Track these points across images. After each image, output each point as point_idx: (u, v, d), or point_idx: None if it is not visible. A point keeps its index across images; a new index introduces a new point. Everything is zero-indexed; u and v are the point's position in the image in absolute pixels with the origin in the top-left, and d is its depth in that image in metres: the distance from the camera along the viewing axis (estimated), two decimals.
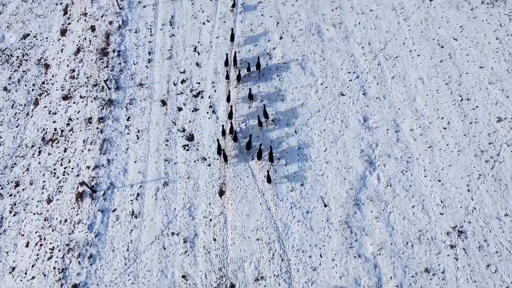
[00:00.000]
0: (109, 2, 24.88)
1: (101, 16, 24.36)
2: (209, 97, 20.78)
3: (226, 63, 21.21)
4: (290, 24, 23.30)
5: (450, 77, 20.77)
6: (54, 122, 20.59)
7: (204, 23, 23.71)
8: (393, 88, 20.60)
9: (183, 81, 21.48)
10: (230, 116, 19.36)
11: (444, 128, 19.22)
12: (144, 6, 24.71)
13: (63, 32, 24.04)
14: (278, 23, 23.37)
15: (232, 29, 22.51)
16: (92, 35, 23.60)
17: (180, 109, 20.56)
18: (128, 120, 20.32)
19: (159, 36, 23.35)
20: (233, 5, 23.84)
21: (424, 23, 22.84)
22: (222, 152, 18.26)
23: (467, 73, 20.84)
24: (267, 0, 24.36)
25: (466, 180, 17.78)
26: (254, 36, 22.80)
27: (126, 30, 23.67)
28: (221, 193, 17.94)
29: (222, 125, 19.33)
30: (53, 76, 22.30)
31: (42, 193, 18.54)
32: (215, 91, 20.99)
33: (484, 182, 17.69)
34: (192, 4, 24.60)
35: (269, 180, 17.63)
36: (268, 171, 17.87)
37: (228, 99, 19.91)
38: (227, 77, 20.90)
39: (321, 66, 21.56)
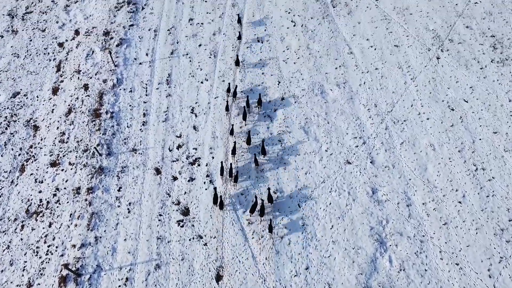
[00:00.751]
0: (104, 59, 23.97)
1: (95, 74, 23.38)
2: (206, 165, 19.48)
3: (229, 90, 21.54)
4: (292, 83, 22.29)
5: (462, 143, 19.54)
6: (40, 192, 19.20)
7: (202, 82, 22.70)
8: (403, 156, 19.32)
9: (179, 147, 20.24)
10: (233, 151, 19.04)
11: (460, 202, 17.81)
12: (140, 63, 23.78)
13: (55, 91, 22.99)
14: (279, 82, 22.37)
15: (236, 86, 21.55)
16: (85, 94, 22.54)
17: (175, 178, 19.21)
18: (119, 190, 18.94)
19: (155, 96, 22.28)
20: (237, 63, 22.76)
21: (433, 83, 21.82)
22: (218, 200, 17.85)
23: (480, 139, 19.62)
24: (268, 57, 23.45)
25: (487, 263, 16.23)
26: (255, 96, 21.73)
27: (120, 89, 22.63)
28: (218, 278, 16.35)
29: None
30: (42, 139, 21.07)
31: (23, 275, 16.93)
32: (213, 158, 19.70)
33: (506, 266, 16.13)
34: (190, 61, 23.68)
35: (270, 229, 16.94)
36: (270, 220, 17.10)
37: (232, 132, 20.02)
38: (227, 108, 20.98)
39: (325, 130, 20.37)
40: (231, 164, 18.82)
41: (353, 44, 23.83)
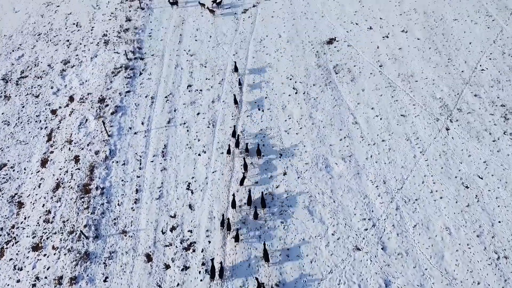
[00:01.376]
0: (98, 128, 22.92)
1: (87, 145, 22.23)
2: (202, 251, 17.81)
3: (234, 134, 21.50)
4: (295, 156, 21.07)
5: (481, 226, 17.99)
6: (18, 281, 17.41)
7: (199, 154, 21.49)
8: (417, 241, 17.71)
9: (173, 229, 18.66)
10: (233, 205, 18.66)
11: None
12: (135, 133, 22.69)
13: (44, 163, 21.74)
14: (281, 155, 21.15)
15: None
16: (75, 167, 21.26)
17: (167, 266, 17.48)
18: (105, 281, 17.16)
19: (149, 170, 20.98)
20: (233, 135, 21.79)
21: (444, 157, 20.58)
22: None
23: (499, 222, 18.08)
24: (268, 127, 22.40)
25: None
26: (255, 169, 20.43)
27: (113, 162, 21.38)
28: None
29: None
30: (25, 218, 19.55)
31: None
32: (209, 242, 18.08)
33: None
34: (188, 131, 22.61)
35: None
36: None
37: (242, 183, 19.73)
38: (228, 152, 20.93)
39: (332, 210, 18.88)
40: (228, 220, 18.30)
41: (358, 113, 22.87)
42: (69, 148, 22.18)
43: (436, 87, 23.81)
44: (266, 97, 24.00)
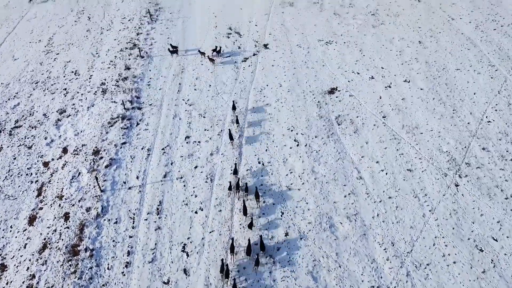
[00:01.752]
0: (90, 182, 21.91)
1: (79, 201, 21.15)
2: None
3: (230, 188, 20.96)
4: (297, 214, 19.93)
5: None
6: None
7: (196, 212, 20.36)
8: None
9: None
10: (232, 249, 18.02)
11: None
12: (129, 188, 21.66)
13: (32, 220, 20.56)
14: (283, 213, 20.02)
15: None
16: (64, 226, 20.08)
17: None
18: None
19: (143, 229, 19.78)
20: (229, 188, 20.84)
21: (454, 216, 19.44)
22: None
23: None
24: (270, 182, 21.39)
25: None
26: (255, 228, 19.24)
27: (104, 220, 20.21)
28: None
29: None
30: (7, 283, 18.14)
31: None
32: None
33: None
34: (184, 186, 21.59)
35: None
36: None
37: (245, 212, 19.45)
38: (230, 188, 20.92)
39: (337, 276, 17.53)
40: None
41: (362, 167, 21.94)
42: (59, 204, 21.07)
43: (442, 140, 23.03)
44: (266, 150, 23.16)
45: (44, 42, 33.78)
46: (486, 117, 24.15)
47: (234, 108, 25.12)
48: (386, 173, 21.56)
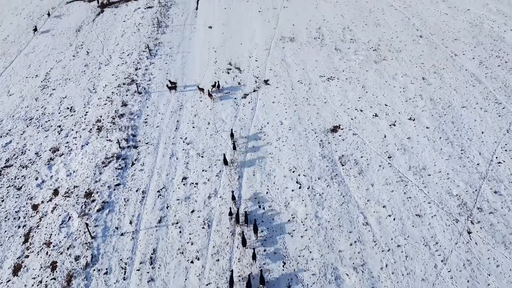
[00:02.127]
0: (81, 228, 20.69)
1: (67, 248, 19.87)
2: None
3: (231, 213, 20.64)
4: (300, 264, 18.61)
5: None
6: None
7: (192, 262, 19.05)
8: None
9: None
10: (231, 284, 17.40)
11: None
12: (122, 234, 20.42)
13: (16, 270, 19.23)
14: (284, 263, 18.71)
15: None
16: (51, 276, 18.73)
17: None
18: None
19: (135, 281, 18.42)
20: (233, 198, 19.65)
21: (469, 268, 18.13)
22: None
23: None
24: (270, 229, 20.16)
25: None
26: (255, 275, 17.91)
27: (94, 271, 18.87)
28: None
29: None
30: None
31: None
32: None
33: None
34: (180, 232, 20.35)
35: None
36: None
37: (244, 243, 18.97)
38: (230, 213, 20.53)
39: None
40: None
41: (368, 212, 20.78)
42: (47, 252, 19.79)
43: (451, 182, 21.96)
44: (267, 193, 22.05)
45: (41, 77, 33.27)
46: (496, 157, 23.17)
47: (232, 135, 25.06)
48: (394, 219, 20.37)
